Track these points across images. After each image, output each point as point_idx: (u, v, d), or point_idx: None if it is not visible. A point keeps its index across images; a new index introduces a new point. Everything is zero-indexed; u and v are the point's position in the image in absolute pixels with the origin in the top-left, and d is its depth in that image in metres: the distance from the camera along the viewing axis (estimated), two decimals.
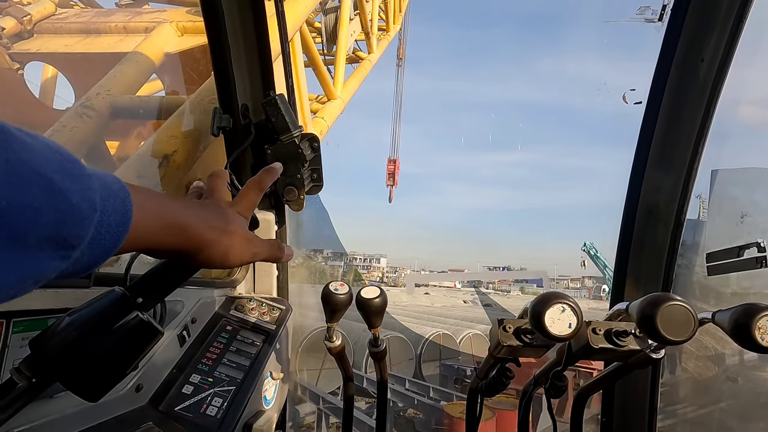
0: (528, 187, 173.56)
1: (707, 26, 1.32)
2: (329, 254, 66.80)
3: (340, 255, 67.94)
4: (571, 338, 0.70)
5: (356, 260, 65.45)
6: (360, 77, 8.22)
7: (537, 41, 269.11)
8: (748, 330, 0.64)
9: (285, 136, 1.44)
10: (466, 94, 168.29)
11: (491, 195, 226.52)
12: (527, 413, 1.20)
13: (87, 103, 2.19)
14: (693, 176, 1.46)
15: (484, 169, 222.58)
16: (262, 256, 0.68)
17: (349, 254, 66.52)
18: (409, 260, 72.82)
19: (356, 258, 66.29)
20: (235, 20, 1.37)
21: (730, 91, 1.38)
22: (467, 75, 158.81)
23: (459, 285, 45.89)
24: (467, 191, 67.02)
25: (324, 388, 9.18)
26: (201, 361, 1.16)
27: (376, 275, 51.57)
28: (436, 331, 13.31)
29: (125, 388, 0.95)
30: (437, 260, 55.24)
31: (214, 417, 1.05)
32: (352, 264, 59.97)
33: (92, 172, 0.42)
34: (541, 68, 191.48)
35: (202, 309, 1.28)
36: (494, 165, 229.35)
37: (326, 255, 63.38)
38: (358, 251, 69.90)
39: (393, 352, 12.04)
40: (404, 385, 10.05)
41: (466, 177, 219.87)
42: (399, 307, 20.24)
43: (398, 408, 9.72)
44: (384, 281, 40.59)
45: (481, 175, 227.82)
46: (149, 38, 2.94)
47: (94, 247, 0.42)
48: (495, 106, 61.15)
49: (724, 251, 1.34)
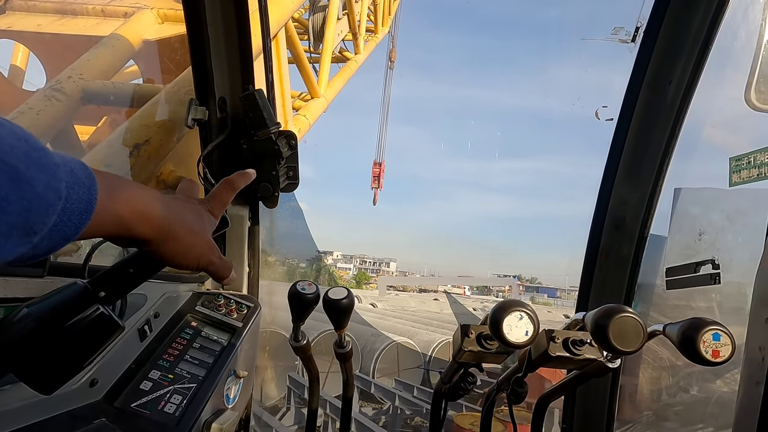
0: (538, 196, 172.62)
1: (676, 50, 1.38)
2: (339, 257, 65.73)
3: (350, 258, 66.91)
4: (527, 346, 0.71)
5: (365, 263, 64.84)
6: (345, 77, 8.21)
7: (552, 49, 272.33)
8: (693, 343, 0.67)
9: (261, 132, 1.43)
10: (479, 101, 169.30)
11: (502, 201, 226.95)
12: (489, 416, 1.22)
13: (57, 86, 2.11)
14: (658, 192, 1.52)
15: (495, 177, 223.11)
16: (213, 268, 0.67)
17: (358, 257, 65.99)
18: (418, 265, 72.33)
19: (366, 261, 65.76)
20: (216, 11, 1.36)
21: (694, 113, 1.44)
22: (482, 81, 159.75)
23: (468, 292, 45.65)
24: (478, 198, 67.99)
25: (331, 393, 9.04)
26: (162, 357, 1.14)
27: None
28: (446, 338, 12.94)
29: (78, 383, 0.92)
30: (447, 266, 55.88)
31: (172, 414, 1.03)
32: (361, 267, 59.33)
33: (59, 159, 0.43)
34: (556, 76, 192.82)
35: (166, 304, 1.25)
36: (506, 172, 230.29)
37: (336, 257, 62.44)
38: (367, 254, 69.49)
39: (402, 359, 11.88)
40: (412, 392, 9.84)
41: (477, 183, 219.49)
42: (408, 313, 20.09)
43: (406, 416, 9.55)
44: (393, 285, 40.43)
45: (493, 182, 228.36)
46: (128, 23, 2.85)
47: (54, 234, 0.42)
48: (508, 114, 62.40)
49: (683, 266, 1.40)
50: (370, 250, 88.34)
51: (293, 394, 9.48)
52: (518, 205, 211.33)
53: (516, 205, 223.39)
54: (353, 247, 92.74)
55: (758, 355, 0.80)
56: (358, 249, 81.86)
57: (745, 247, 1.36)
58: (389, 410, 9.65)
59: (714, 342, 0.67)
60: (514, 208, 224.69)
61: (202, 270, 0.65)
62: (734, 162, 1.46)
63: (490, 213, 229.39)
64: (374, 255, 70.91)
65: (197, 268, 0.64)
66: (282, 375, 9.97)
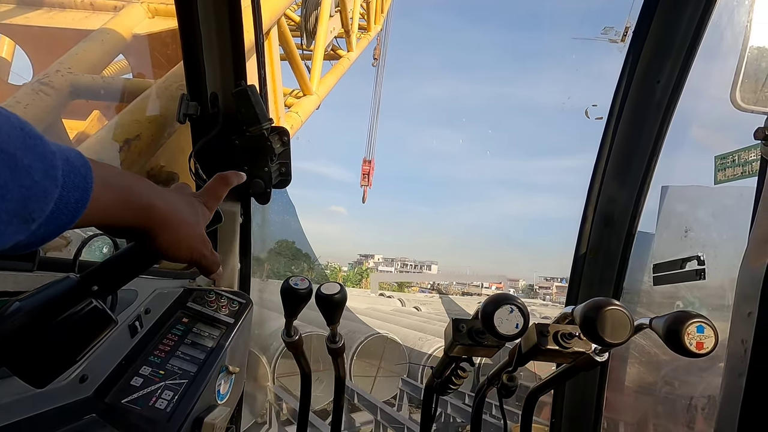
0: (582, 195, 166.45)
1: (664, 51, 1.41)
2: (380, 260, 65.03)
3: (391, 261, 66.02)
4: (518, 338, 0.73)
5: (407, 266, 64.21)
6: (337, 74, 8.19)
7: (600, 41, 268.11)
8: (678, 336, 0.68)
9: (253, 128, 1.42)
10: (519, 99, 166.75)
11: (547, 202, 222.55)
12: (479, 411, 1.24)
13: (45, 80, 2.08)
14: (645, 190, 1.55)
15: (537, 175, 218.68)
16: (204, 262, 0.66)
17: (399, 260, 65.47)
18: (461, 267, 71.52)
19: (407, 264, 65.18)
20: (209, 6, 1.35)
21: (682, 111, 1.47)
22: (522, 79, 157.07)
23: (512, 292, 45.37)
24: (521, 198, 65.51)
25: (379, 396, 8.93)
26: (153, 352, 1.13)
27: (426, 283, 50.49)
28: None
29: (68, 378, 0.92)
30: (490, 269, 54.73)
31: (164, 410, 1.03)
32: (402, 270, 58.66)
33: (55, 147, 0.43)
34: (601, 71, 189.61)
35: (157, 299, 1.24)
36: (552, 171, 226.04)
37: (377, 260, 61.71)
38: (408, 257, 68.80)
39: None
40: (463, 399, 9.44)
41: (520, 183, 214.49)
42: (453, 315, 19.67)
43: (457, 423, 9.35)
44: (435, 288, 39.62)
45: (535, 181, 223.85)
46: (118, 17, 2.81)
47: (51, 221, 0.43)
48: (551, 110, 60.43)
49: (669, 263, 1.43)
50: (410, 253, 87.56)
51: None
52: (565, 204, 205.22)
53: (562, 204, 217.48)
54: (394, 250, 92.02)
55: (740, 347, 0.83)
56: (399, 252, 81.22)
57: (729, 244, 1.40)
58: (441, 417, 9.52)
59: (698, 334, 0.69)
60: (560, 208, 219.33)
61: (194, 263, 0.65)
62: (719, 160, 1.49)
63: (535, 213, 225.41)
64: (415, 258, 70.20)
65: (189, 260, 0.64)
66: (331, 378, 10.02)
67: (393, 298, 27.19)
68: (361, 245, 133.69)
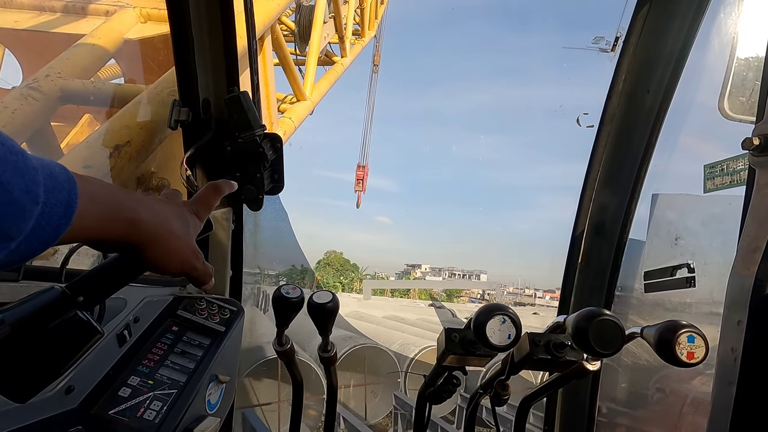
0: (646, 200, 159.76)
1: (654, 61, 1.43)
2: (427, 269, 63.40)
3: (438, 270, 64.40)
4: (510, 349, 0.72)
5: (455, 276, 63.44)
6: (331, 80, 8.21)
7: None
8: (669, 345, 0.69)
9: (246, 134, 1.42)
10: (565, 100, 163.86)
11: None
12: (472, 420, 1.23)
13: (34, 85, 2.05)
14: (636, 198, 1.57)
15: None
16: (195, 274, 0.66)
17: (447, 269, 64.67)
18: (511, 277, 69.88)
19: (454, 274, 64.36)
20: (201, 11, 1.34)
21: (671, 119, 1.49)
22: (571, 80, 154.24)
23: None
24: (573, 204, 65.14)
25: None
26: (141, 362, 1.11)
27: (476, 292, 49.28)
28: None
29: (54, 390, 0.90)
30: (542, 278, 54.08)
31: (152, 421, 1.01)
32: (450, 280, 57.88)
33: (38, 163, 0.42)
34: None
35: (146, 308, 1.22)
36: None
37: (425, 270, 60.05)
38: (456, 267, 67.91)
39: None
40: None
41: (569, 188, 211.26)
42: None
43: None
44: (486, 299, 38.67)
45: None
46: (109, 22, 2.79)
47: (32, 239, 0.41)
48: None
49: (660, 270, 1.44)
50: (459, 263, 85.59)
51: (400, 416, 9.42)
52: None
53: None
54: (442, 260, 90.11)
55: (731, 356, 0.83)
56: (449, 262, 79.29)
57: (718, 252, 1.41)
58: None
59: (689, 344, 0.69)
60: None
61: (185, 275, 0.64)
62: (708, 169, 1.51)
63: None
64: (463, 267, 69.23)
65: (180, 273, 0.63)
66: (388, 392, 10.22)
67: (444, 308, 25.26)
68: (408, 254, 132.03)
